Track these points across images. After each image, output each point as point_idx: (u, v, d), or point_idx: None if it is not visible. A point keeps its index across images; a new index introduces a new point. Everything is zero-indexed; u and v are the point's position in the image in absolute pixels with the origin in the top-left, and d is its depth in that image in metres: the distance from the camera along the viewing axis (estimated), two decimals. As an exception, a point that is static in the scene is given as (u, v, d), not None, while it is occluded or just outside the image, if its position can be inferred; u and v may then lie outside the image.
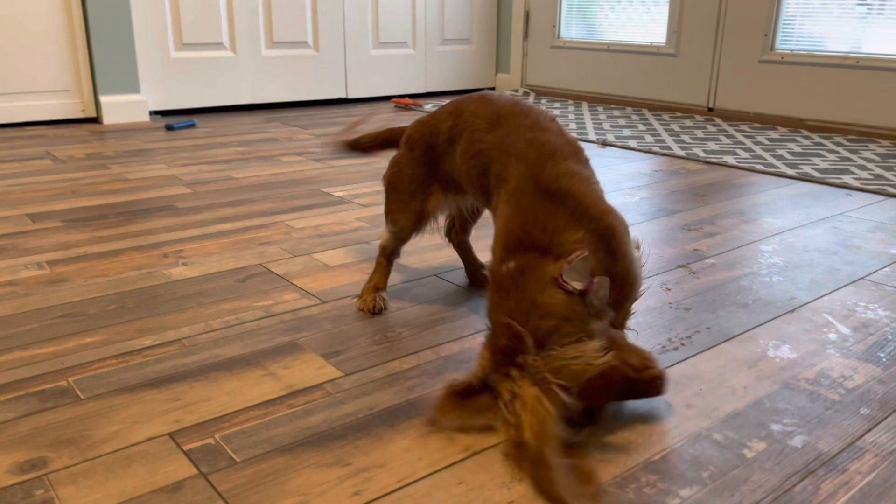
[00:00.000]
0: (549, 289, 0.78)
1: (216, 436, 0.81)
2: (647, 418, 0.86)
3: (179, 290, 1.22)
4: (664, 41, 3.23)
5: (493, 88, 3.95)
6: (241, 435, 0.81)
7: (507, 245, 0.83)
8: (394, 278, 1.28)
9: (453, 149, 1.04)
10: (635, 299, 0.88)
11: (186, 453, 0.78)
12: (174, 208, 1.71)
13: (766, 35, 2.86)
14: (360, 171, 2.11)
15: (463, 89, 3.85)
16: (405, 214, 1.13)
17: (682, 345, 1.05)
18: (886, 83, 2.58)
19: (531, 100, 3.59)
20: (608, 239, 0.83)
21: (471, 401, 0.82)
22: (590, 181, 0.89)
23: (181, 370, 0.96)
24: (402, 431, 0.83)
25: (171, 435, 0.81)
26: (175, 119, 2.94)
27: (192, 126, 2.80)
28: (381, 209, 1.71)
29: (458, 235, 1.26)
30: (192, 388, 0.91)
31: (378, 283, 1.18)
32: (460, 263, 1.34)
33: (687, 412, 0.88)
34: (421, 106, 3.34)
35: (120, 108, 2.83)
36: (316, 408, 0.87)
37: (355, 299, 1.19)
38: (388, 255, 1.19)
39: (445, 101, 3.46)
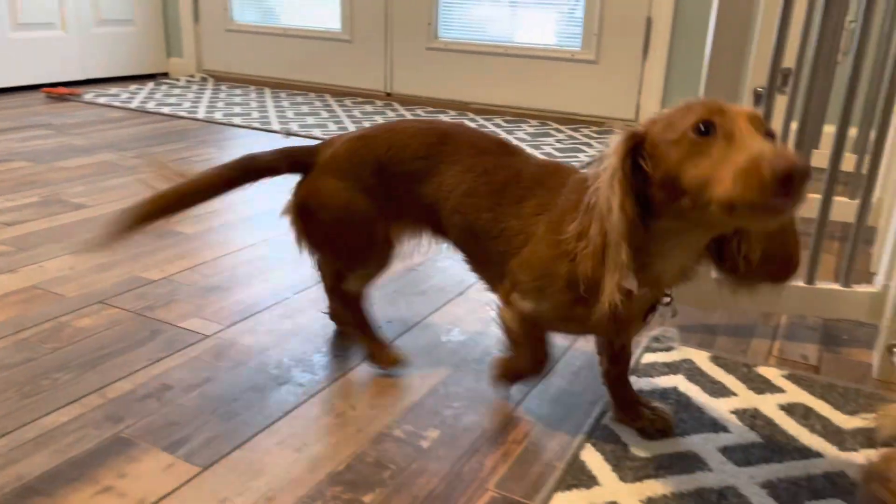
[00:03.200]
0: None
1: None
2: (330, 428, 0.88)
3: None
4: (339, 27, 3.29)
5: (165, 74, 3.67)
6: None
7: None
8: (46, 312, 1.13)
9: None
10: None
11: None
12: None
13: (429, 24, 3.07)
14: (2, 180, 1.82)
15: (132, 75, 3.51)
16: None
17: (365, 343, 1.09)
18: (531, 69, 2.94)
19: (210, 86, 3.41)
20: None
21: None
22: None
23: None
24: (64, 499, 0.73)
25: None
26: None
27: None
28: (31, 227, 1.49)
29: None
30: None
31: None
32: (132, 285, 1.23)
33: (371, 412, 0.91)
34: (80, 96, 2.97)
35: None
36: (-54, 493, 0.73)
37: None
38: None
39: (112, 89, 3.13)
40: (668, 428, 0.88)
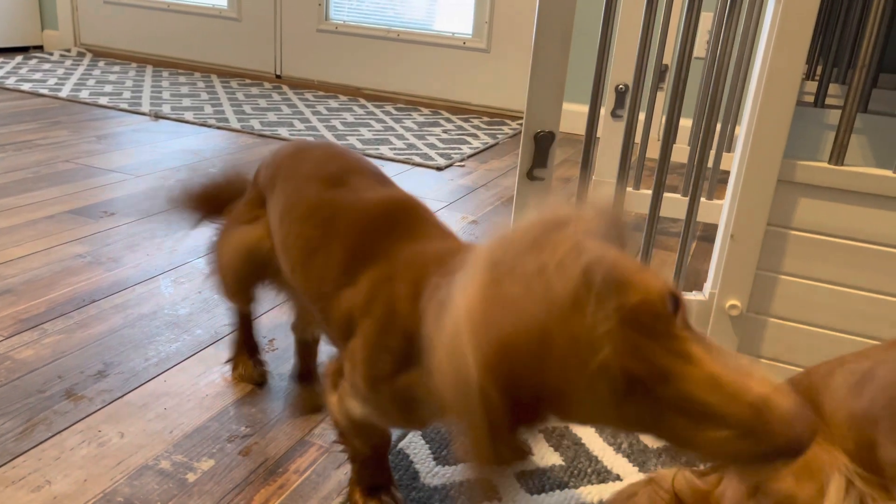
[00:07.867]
0: None
1: None
2: (85, 461, 0.77)
3: None
4: (226, 4, 3.11)
5: (40, 47, 3.41)
6: None
7: None
8: None
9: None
10: None
11: None
12: None
13: (319, 4, 2.94)
14: None
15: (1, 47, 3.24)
16: None
17: (165, 357, 0.99)
18: (424, 56, 2.85)
19: (86, 62, 3.18)
20: None
21: None
22: None
23: None
24: None
25: None
26: None
27: None
28: None
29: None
30: None
31: None
32: None
33: (141, 440, 0.82)
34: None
35: None
36: None
37: None
38: None
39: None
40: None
